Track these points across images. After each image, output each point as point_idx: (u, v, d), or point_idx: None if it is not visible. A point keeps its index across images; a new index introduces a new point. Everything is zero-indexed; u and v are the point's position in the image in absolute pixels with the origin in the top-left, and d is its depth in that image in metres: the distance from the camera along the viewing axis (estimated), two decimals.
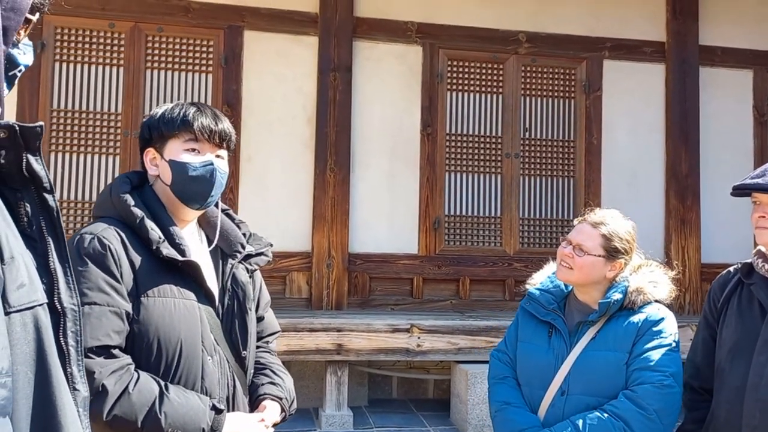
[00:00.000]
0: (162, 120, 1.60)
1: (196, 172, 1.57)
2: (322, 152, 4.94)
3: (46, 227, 0.82)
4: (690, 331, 4.56)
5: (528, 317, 2.12)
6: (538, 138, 5.33)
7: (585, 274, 2.00)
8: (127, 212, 1.52)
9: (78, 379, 0.84)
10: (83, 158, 4.75)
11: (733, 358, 1.86)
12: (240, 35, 4.95)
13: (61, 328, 0.82)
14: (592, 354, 1.98)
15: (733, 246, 5.29)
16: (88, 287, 1.41)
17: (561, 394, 1.97)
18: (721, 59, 5.54)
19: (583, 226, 2.07)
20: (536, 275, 2.21)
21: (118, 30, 4.81)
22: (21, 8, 0.82)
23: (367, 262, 5.02)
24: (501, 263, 5.18)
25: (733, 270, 2.01)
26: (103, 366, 1.38)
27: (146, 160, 1.63)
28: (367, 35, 5.11)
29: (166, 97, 4.85)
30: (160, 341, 1.47)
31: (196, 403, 1.47)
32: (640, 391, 1.90)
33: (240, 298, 1.64)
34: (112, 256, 1.45)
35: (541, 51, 5.33)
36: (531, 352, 2.07)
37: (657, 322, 1.98)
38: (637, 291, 2.00)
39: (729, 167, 5.41)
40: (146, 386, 1.42)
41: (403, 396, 5.06)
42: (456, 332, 4.42)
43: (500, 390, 2.09)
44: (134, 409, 1.39)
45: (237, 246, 1.68)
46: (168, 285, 1.51)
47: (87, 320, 1.38)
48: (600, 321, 2.01)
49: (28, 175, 0.80)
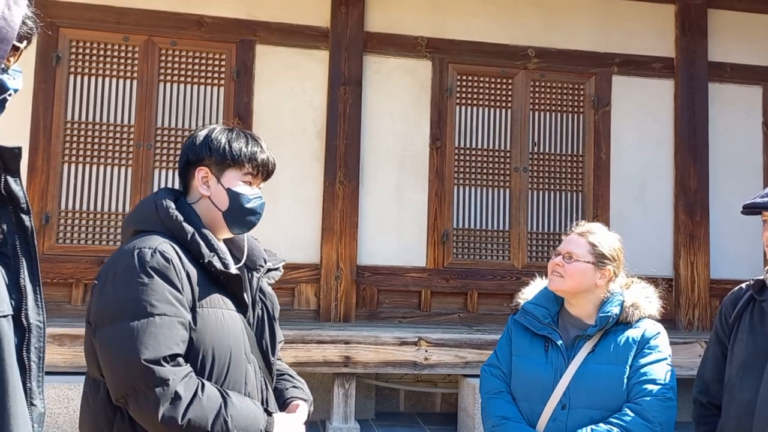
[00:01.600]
0: (230, 149, 1.67)
1: (251, 204, 1.70)
2: (331, 165, 4.98)
3: (20, 246, 0.85)
4: (699, 348, 4.54)
5: (522, 331, 2.14)
6: (546, 152, 5.35)
7: (576, 281, 2.04)
8: (178, 227, 1.58)
9: (36, 395, 0.85)
10: (96, 169, 4.80)
11: (744, 373, 1.87)
12: (252, 49, 5.00)
13: (25, 343, 0.84)
14: (592, 367, 2.00)
15: (742, 262, 5.28)
16: (156, 299, 1.46)
17: (562, 407, 1.99)
18: (730, 75, 5.56)
19: (571, 237, 2.14)
20: (526, 290, 2.25)
21: (132, 43, 4.88)
22: (8, 38, 0.86)
23: (375, 274, 5.04)
24: (509, 277, 5.18)
25: (745, 286, 2.02)
26: (176, 374, 1.43)
27: (197, 177, 1.68)
28: (377, 49, 5.16)
29: (179, 109, 4.91)
30: (214, 350, 1.54)
31: (253, 406, 1.55)
32: (645, 404, 1.93)
33: (269, 309, 1.73)
34: (174, 269, 1.51)
35: (550, 66, 5.36)
36: (528, 366, 2.09)
37: (654, 337, 2.04)
38: (634, 306, 2.05)
39: (738, 183, 5.41)
40: (212, 392, 1.48)
41: (410, 409, 5.05)
42: (464, 346, 4.42)
43: (497, 405, 2.09)
44: (205, 414, 1.44)
45: (260, 260, 1.77)
46: (215, 295, 1.58)
47: (159, 330, 1.44)
48: (596, 335, 2.03)
49: (6, 194, 0.82)
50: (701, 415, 2.05)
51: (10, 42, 0.87)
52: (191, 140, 1.71)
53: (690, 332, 5.15)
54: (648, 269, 2.33)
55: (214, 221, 1.68)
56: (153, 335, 1.43)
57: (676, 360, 4.46)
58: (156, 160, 4.87)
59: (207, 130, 1.71)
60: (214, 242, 1.61)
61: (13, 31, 0.87)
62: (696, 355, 4.47)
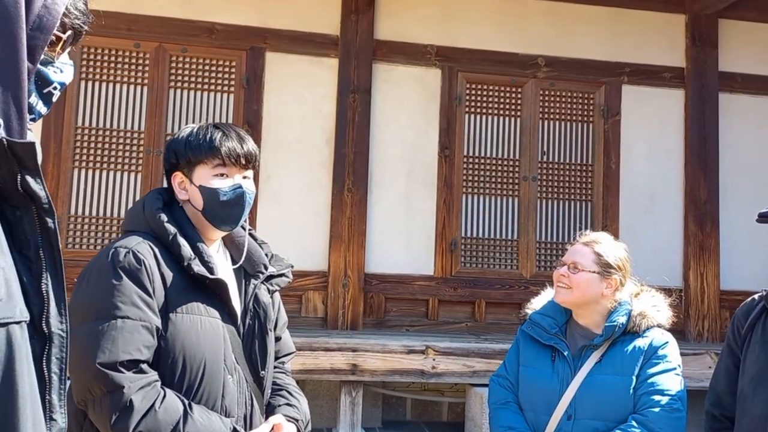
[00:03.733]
0: (188, 146, 1.61)
1: (227, 196, 1.60)
2: (340, 173, 4.98)
3: (44, 249, 0.81)
4: (708, 359, 4.50)
5: (529, 342, 2.13)
6: (556, 161, 5.34)
7: (582, 291, 2.02)
8: (161, 228, 1.54)
9: (56, 409, 0.81)
10: (106, 175, 4.83)
11: (756, 386, 1.84)
12: (262, 56, 5.02)
13: (46, 353, 0.80)
14: (598, 378, 1.98)
15: (752, 273, 5.24)
16: (121, 301, 1.43)
17: (567, 418, 1.97)
18: (741, 86, 5.54)
19: (576, 247, 2.12)
20: (535, 300, 2.23)
21: (143, 50, 4.91)
22: (47, 27, 0.84)
23: (382, 282, 5.03)
24: (517, 286, 5.16)
25: (758, 298, 2.00)
26: (132, 381, 1.39)
27: (174, 184, 1.64)
28: (386, 58, 5.17)
29: (189, 115, 4.93)
30: (185, 358, 1.48)
31: (219, 425, 1.47)
32: (651, 416, 1.90)
33: (261, 319, 1.65)
34: (146, 270, 1.47)
35: (560, 75, 5.35)
36: (534, 376, 2.07)
37: (662, 346, 2.01)
38: (641, 315, 2.02)
39: (748, 194, 5.38)
40: (172, 405, 1.42)
41: (417, 418, 5.02)
42: (471, 355, 4.40)
43: (503, 415, 2.08)
44: (159, 427, 1.39)
45: (260, 266, 1.70)
46: (196, 302, 1.52)
47: (119, 333, 1.40)
48: (604, 345, 2.01)
49: (25, 193, 0.79)
50: (714, 428, 2.03)
51: (50, 31, 0.84)
52: (164, 152, 1.68)
53: (700, 343, 5.10)
54: (658, 280, 2.30)
55: (200, 222, 1.63)
56: (111, 338, 1.38)
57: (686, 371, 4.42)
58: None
59: (171, 137, 1.68)
60: (200, 245, 1.56)
61: (55, 20, 0.84)
62: (706, 366, 4.43)
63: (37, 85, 0.91)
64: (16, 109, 0.80)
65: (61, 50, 0.92)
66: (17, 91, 0.80)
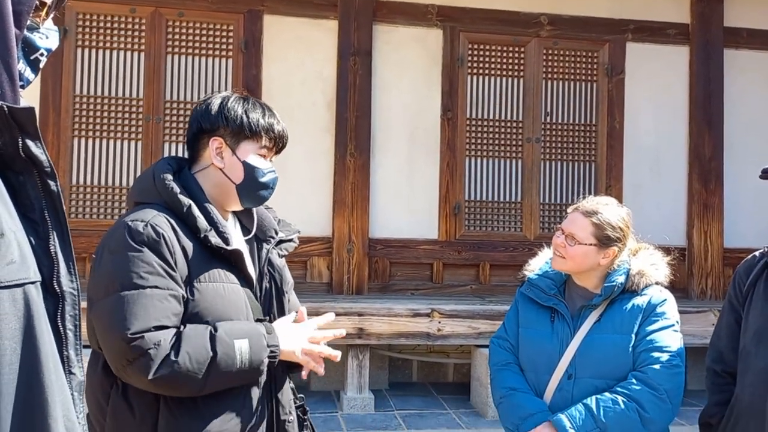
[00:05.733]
0: (248, 120, 1.61)
1: (265, 178, 1.64)
2: (342, 138, 4.95)
3: (48, 212, 0.83)
4: (712, 316, 4.53)
5: (528, 303, 2.13)
6: (559, 122, 5.30)
7: (577, 263, 2.01)
8: (174, 200, 1.53)
9: (74, 363, 0.84)
10: (106, 143, 4.81)
11: (759, 341, 1.85)
12: (260, 20, 4.95)
13: (60, 311, 0.83)
14: (598, 337, 1.99)
15: (757, 231, 5.24)
16: (147, 271, 1.44)
17: (568, 377, 1.99)
18: (746, 41, 5.45)
19: (575, 216, 2.05)
20: (533, 261, 2.22)
21: (138, 15, 4.84)
22: None
23: (387, 247, 5.04)
24: (521, 248, 5.16)
25: (759, 254, 2.00)
26: (165, 336, 1.43)
27: (211, 147, 1.61)
28: (386, 19, 5.09)
29: (187, 81, 4.88)
30: (212, 324, 1.51)
31: (242, 322, 1.53)
32: (651, 372, 1.92)
33: (277, 282, 1.68)
34: (166, 243, 1.47)
35: (563, 34, 5.27)
36: (534, 337, 2.08)
37: (660, 304, 2.01)
38: (639, 273, 2.02)
39: (753, 151, 5.34)
40: (194, 326, 1.47)
41: (423, 379, 5.09)
42: (476, 317, 4.43)
43: (505, 376, 2.10)
44: (198, 341, 1.43)
45: (271, 231, 1.72)
46: (216, 269, 1.54)
47: (150, 302, 1.42)
48: (603, 304, 2.02)
49: (27, 158, 0.81)
50: (715, 384, 2.04)
51: None
52: (205, 107, 1.63)
53: (703, 301, 5.14)
54: (661, 239, 2.29)
55: (223, 193, 1.63)
56: (143, 307, 1.41)
57: (690, 329, 4.47)
58: (166, 133, 4.86)
59: (221, 98, 1.64)
60: (215, 215, 1.56)
61: None
62: (709, 323, 4.46)
63: (24, 52, 0.91)
64: (8, 76, 0.81)
65: (45, 16, 0.91)
66: (7, 58, 0.80)
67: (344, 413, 4.26)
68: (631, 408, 1.88)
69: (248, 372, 1.48)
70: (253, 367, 1.48)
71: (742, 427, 1.86)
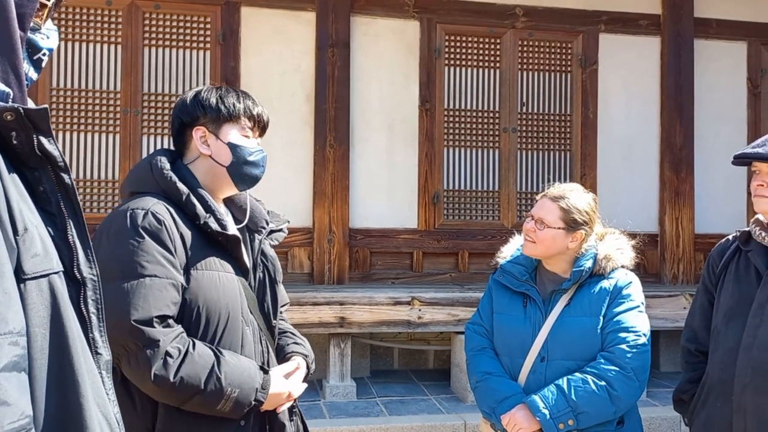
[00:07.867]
0: (223, 103, 1.65)
1: (253, 156, 1.67)
2: (321, 129, 4.98)
3: (64, 203, 0.87)
4: (683, 300, 4.66)
5: (501, 289, 2.20)
6: (535, 112, 5.38)
7: (547, 246, 2.09)
8: (173, 188, 1.56)
9: (100, 344, 0.89)
10: (83, 137, 4.77)
11: (729, 320, 1.95)
12: (237, 11, 4.94)
13: (82, 296, 0.87)
14: (568, 320, 2.06)
15: (726, 217, 5.39)
16: (147, 260, 1.46)
17: (541, 360, 2.06)
18: (716, 31, 5.58)
19: (543, 201, 2.15)
20: (505, 248, 2.30)
21: (115, 7, 4.80)
22: None
23: (367, 237, 5.09)
24: (499, 236, 5.22)
25: (732, 238, 2.09)
26: (166, 334, 1.44)
27: (195, 137, 1.65)
28: (364, 10, 5.11)
29: (165, 74, 4.86)
30: (208, 312, 1.54)
31: (248, 363, 1.55)
32: (618, 352, 2.00)
33: (270, 271, 1.73)
34: (167, 230, 1.50)
35: (537, 25, 5.35)
36: (508, 322, 2.15)
37: (626, 286, 2.09)
38: (606, 258, 2.10)
39: (723, 139, 5.49)
40: (204, 350, 1.49)
41: (405, 367, 5.17)
42: (456, 304, 4.51)
43: (480, 361, 2.16)
44: (197, 371, 1.45)
45: (262, 222, 1.77)
46: (212, 258, 1.57)
47: (150, 291, 1.44)
48: (572, 288, 2.09)
49: (41, 155, 0.85)
50: (689, 362, 2.14)
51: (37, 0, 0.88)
52: (182, 103, 1.68)
53: (675, 286, 5.27)
54: (634, 226, 2.37)
55: (216, 180, 1.66)
56: (143, 296, 1.43)
57: (662, 313, 4.60)
58: (144, 126, 4.84)
59: (194, 91, 1.69)
60: (211, 203, 1.59)
61: None
62: (681, 307, 4.59)
63: (28, 53, 0.94)
64: (15, 77, 0.85)
65: (46, 16, 0.94)
66: (14, 60, 0.84)
67: (327, 401, 4.32)
68: (600, 387, 1.96)
69: (225, 412, 1.51)
70: (229, 412, 1.51)
71: (712, 402, 1.96)
